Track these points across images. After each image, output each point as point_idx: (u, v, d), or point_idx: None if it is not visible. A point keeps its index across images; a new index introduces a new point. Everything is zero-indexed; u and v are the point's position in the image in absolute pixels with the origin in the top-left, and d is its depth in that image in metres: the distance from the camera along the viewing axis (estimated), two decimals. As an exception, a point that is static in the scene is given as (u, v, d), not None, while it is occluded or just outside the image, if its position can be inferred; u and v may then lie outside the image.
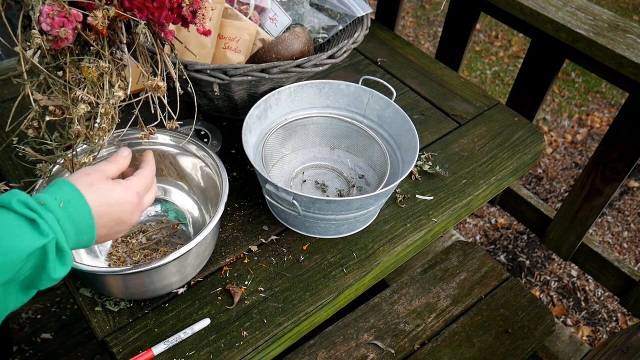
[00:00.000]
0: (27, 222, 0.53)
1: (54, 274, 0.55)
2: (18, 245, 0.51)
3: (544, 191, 2.42)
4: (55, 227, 0.55)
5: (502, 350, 1.23)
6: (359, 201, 0.83)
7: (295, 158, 1.06)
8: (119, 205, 0.63)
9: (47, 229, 0.53)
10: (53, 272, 0.55)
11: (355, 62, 1.34)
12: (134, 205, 0.66)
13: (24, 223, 0.53)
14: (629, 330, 1.08)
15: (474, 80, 3.11)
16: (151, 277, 0.75)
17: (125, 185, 0.65)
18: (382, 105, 1.01)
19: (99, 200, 0.61)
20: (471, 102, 1.25)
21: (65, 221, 0.56)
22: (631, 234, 2.25)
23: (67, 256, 0.56)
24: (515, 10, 1.30)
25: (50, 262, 0.54)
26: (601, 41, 1.17)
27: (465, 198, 1.02)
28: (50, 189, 0.58)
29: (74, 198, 0.58)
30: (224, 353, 0.77)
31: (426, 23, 3.62)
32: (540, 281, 2.04)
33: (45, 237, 0.53)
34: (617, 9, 3.80)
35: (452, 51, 1.58)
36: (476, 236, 2.20)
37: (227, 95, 0.98)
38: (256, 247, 0.91)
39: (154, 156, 0.74)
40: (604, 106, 2.96)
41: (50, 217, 0.54)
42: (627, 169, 1.29)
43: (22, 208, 0.53)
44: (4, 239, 0.50)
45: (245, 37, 0.99)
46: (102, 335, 0.78)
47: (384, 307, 1.29)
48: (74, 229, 0.58)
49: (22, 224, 0.53)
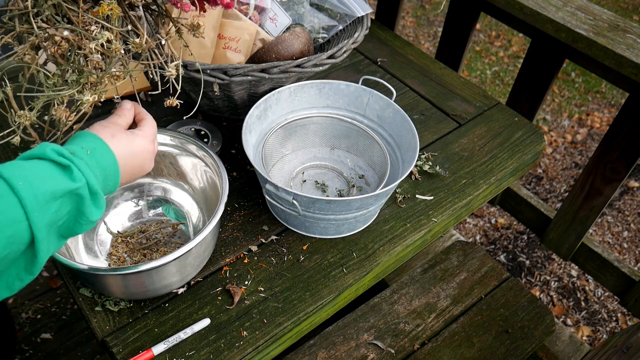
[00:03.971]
0: (61, 168, 0.57)
1: (91, 217, 0.60)
2: (55, 187, 0.55)
3: (544, 191, 2.42)
4: (87, 172, 0.59)
5: (502, 350, 1.23)
6: (359, 201, 0.83)
7: (295, 158, 1.06)
8: (140, 154, 0.69)
9: (79, 174, 0.57)
10: (90, 215, 0.59)
11: (355, 62, 1.34)
12: (151, 152, 0.72)
13: (58, 169, 0.57)
14: (629, 330, 1.08)
15: (474, 80, 3.11)
16: (151, 277, 0.75)
17: (142, 135, 0.70)
18: (382, 105, 1.01)
19: (123, 150, 0.66)
20: (471, 102, 1.25)
21: (95, 166, 0.61)
22: (631, 234, 2.25)
23: (100, 198, 0.61)
24: (515, 10, 1.30)
25: (87, 206, 0.59)
26: (601, 41, 1.17)
27: (465, 198, 1.02)
28: (75, 140, 0.63)
29: (99, 146, 0.63)
30: (224, 353, 0.77)
31: (426, 23, 3.62)
32: (540, 281, 2.04)
33: (78, 181, 0.57)
34: (617, 9, 3.80)
35: (452, 51, 1.58)
36: (476, 236, 2.20)
37: (227, 95, 0.98)
38: (256, 247, 0.91)
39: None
40: (604, 106, 2.96)
41: (82, 164, 0.59)
42: (627, 169, 1.29)
43: (55, 156, 0.57)
44: (42, 182, 0.54)
45: (245, 37, 0.99)
46: (102, 335, 0.78)
47: (384, 307, 1.29)
48: (102, 174, 0.62)
49: (56, 170, 0.57)
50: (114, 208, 0.93)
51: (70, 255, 0.79)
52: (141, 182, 0.95)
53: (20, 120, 0.64)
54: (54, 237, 0.58)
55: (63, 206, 0.57)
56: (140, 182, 0.95)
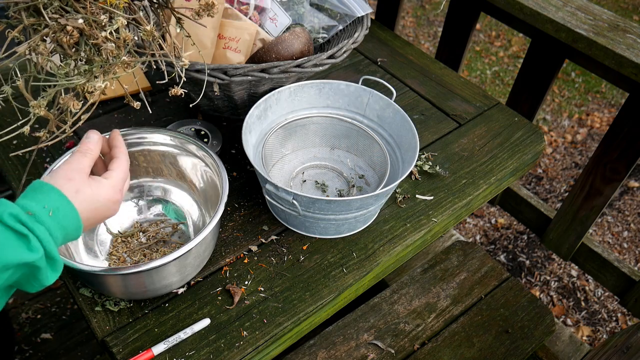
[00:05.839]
0: (18, 236, 0.53)
1: (45, 282, 0.57)
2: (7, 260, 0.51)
3: (544, 191, 2.42)
4: (47, 239, 0.55)
5: (502, 350, 1.23)
6: (359, 201, 0.83)
7: (295, 158, 1.06)
8: (105, 206, 0.65)
9: (37, 245, 0.53)
10: (45, 280, 0.57)
11: (355, 62, 1.34)
12: (117, 202, 0.67)
13: (15, 236, 0.52)
14: (629, 330, 1.08)
15: (474, 80, 3.11)
16: (151, 277, 0.75)
17: (108, 185, 0.66)
18: (382, 105, 1.01)
19: (87, 206, 0.62)
20: (471, 102, 1.25)
21: (55, 229, 0.57)
22: (631, 234, 2.25)
23: (57, 264, 0.57)
24: (515, 10, 1.30)
25: (42, 274, 0.55)
26: (601, 41, 1.17)
27: (465, 198, 1.02)
28: (36, 196, 0.57)
29: (62, 206, 0.58)
30: (224, 353, 0.77)
31: (426, 23, 3.62)
32: (540, 281, 2.04)
33: (35, 253, 0.53)
34: (617, 9, 3.80)
35: (452, 51, 1.58)
36: (476, 236, 2.20)
37: (227, 95, 0.98)
38: (256, 247, 0.91)
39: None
40: (604, 106, 2.96)
41: (42, 231, 0.54)
42: (627, 169, 1.29)
43: (13, 222, 0.53)
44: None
45: (245, 37, 0.99)
46: (102, 335, 0.78)
47: (384, 307, 1.29)
48: (62, 233, 0.59)
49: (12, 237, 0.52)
50: (114, 208, 0.93)
51: (70, 255, 0.79)
52: (141, 182, 0.95)
53: (35, 110, 0.64)
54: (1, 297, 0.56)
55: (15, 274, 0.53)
56: (140, 182, 0.95)
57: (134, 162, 0.92)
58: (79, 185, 0.62)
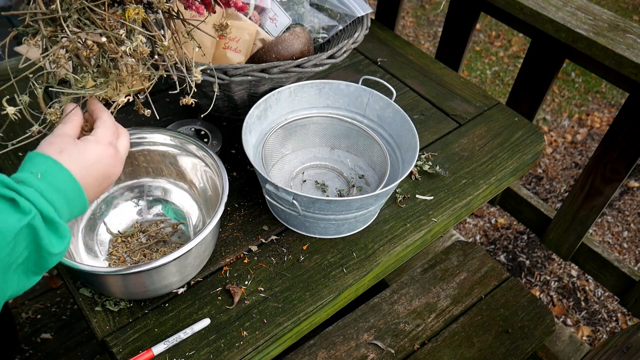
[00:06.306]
0: (7, 202, 0.52)
1: (52, 249, 0.54)
2: (1, 226, 0.50)
3: (544, 191, 2.42)
4: (38, 200, 0.53)
5: (502, 350, 1.23)
6: (359, 201, 0.83)
7: (295, 158, 1.06)
8: (99, 162, 0.62)
9: (27, 205, 0.52)
10: (51, 247, 0.54)
11: (355, 62, 1.34)
12: (111, 156, 0.64)
13: (4, 203, 0.51)
14: (629, 330, 1.08)
15: (474, 80, 3.11)
16: (151, 277, 0.75)
17: (94, 141, 0.63)
18: (382, 105, 1.01)
19: (76, 163, 0.59)
20: (471, 102, 1.25)
21: (49, 191, 0.55)
22: (631, 234, 2.25)
23: (60, 227, 0.55)
24: (515, 10, 1.30)
25: (43, 238, 0.53)
26: (601, 41, 1.17)
27: (465, 198, 1.02)
28: (24, 166, 0.57)
29: (49, 167, 0.57)
30: (224, 353, 0.77)
31: (426, 23, 3.62)
32: (540, 281, 2.04)
33: (27, 214, 0.51)
34: (617, 9, 3.80)
35: (452, 51, 1.58)
36: (476, 236, 2.20)
37: (227, 95, 0.98)
38: (256, 247, 0.91)
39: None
40: (604, 106, 2.96)
41: (31, 192, 0.53)
42: (627, 169, 1.29)
43: (1, 189, 0.52)
44: None
45: (245, 37, 0.99)
46: (102, 335, 0.78)
47: (384, 307, 1.29)
48: (61, 197, 0.56)
49: (3, 204, 0.51)
50: (114, 208, 0.93)
51: (70, 255, 0.79)
52: (141, 182, 0.95)
53: (50, 117, 0.65)
54: (17, 277, 0.53)
55: (17, 245, 0.51)
56: (140, 182, 0.95)
57: (134, 162, 0.92)
58: (63, 146, 0.60)
